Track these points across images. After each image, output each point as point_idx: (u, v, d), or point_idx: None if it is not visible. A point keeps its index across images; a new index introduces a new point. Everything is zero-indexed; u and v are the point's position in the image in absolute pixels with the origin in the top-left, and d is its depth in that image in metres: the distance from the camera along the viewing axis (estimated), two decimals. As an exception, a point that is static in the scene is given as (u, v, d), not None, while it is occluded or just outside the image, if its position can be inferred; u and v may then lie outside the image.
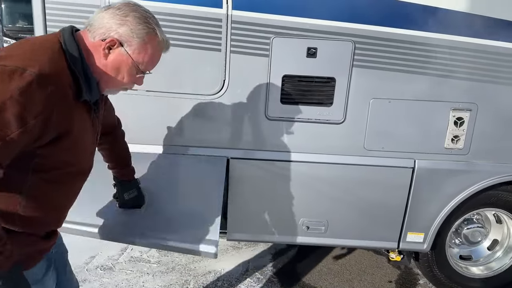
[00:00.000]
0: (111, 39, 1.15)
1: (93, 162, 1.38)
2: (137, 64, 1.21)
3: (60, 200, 1.27)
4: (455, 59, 2.07)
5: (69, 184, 1.27)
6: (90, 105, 1.23)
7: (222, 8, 2.00)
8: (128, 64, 1.20)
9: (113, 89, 1.29)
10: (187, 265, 2.99)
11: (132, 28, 1.16)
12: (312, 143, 2.20)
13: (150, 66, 1.27)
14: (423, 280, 2.91)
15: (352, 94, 2.11)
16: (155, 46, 1.23)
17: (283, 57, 2.07)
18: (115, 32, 1.15)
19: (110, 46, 1.16)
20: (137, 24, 1.17)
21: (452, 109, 2.15)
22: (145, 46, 1.20)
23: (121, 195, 1.89)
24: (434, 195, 2.29)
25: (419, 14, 2.01)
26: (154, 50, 1.23)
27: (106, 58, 1.18)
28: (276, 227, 2.37)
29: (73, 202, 1.36)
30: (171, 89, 2.12)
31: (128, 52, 1.18)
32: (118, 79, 1.22)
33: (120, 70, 1.21)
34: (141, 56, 1.21)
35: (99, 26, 1.16)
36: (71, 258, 1.60)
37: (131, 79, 1.25)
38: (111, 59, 1.18)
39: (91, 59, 1.18)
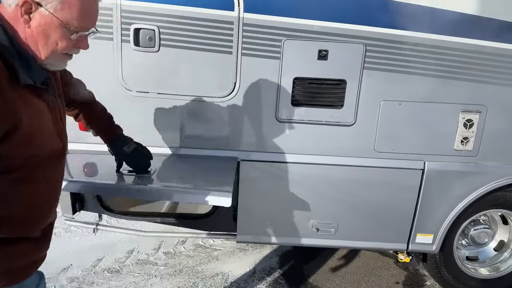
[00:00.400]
0: (24, 0, 0.98)
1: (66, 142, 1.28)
2: (66, 23, 1.04)
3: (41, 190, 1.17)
4: (465, 61, 2.09)
5: (43, 173, 1.15)
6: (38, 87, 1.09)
7: (234, 11, 2.00)
8: (55, 26, 1.03)
9: (54, 61, 1.11)
10: (194, 267, 2.99)
11: None
12: (323, 145, 2.21)
13: (85, 21, 1.09)
14: (430, 281, 2.92)
15: (362, 96, 2.12)
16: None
17: (294, 59, 2.08)
18: None
19: (27, 10, 1.00)
20: None
21: (462, 111, 2.17)
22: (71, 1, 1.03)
23: (121, 152, 1.75)
24: (444, 197, 2.30)
25: (430, 17, 2.02)
26: (81, 2, 1.05)
27: (29, 26, 1.02)
28: (286, 229, 2.37)
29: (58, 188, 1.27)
30: (182, 92, 2.12)
31: (50, 11, 1.01)
32: (52, 47, 1.06)
33: (49, 36, 1.04)
34: (67, 12, 1.03)
35: None
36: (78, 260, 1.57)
37: (68, 43, 1.08)
38: (35, 26, 1.01)
39: (16, 34, 1.02)
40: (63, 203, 2.29)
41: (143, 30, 2.02)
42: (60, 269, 2.87)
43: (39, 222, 1.20)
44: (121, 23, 2.01)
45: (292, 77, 2.10)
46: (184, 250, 3.22)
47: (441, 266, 2.63)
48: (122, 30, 2.02)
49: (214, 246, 3.31)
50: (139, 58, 2.06)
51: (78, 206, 2.33)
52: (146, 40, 2.03)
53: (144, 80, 2.10)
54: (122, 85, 2.09)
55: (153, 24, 2.01)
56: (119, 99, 2.11)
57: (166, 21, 2.01)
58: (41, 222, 1.21)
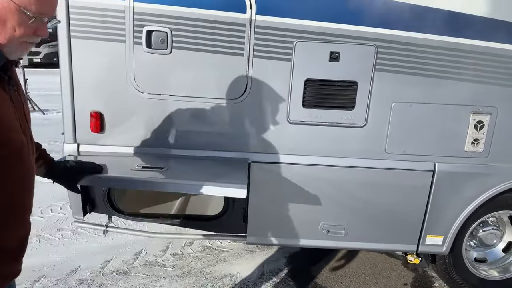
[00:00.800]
0: None
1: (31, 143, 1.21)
2: (24, 7, 0.98)
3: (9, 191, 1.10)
4: (476, 63, 2.09)
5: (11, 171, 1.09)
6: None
7: (246, 13, 2.01)
8: (12, 10, 0.98)
9: (13, 49, 1.05)
10: (202, 268, 2.99)
11: None
12: (334, 147, 2.21)
13: (43, 6, 1.03)
14: (439, 283, 2.92)
15: (374, 97, 2.13)
16: None
17: (305, 61, 2.08)
18: None
19: None
20: None
21: (473, 112, 2.17)
22: None
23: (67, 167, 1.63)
24: (454, 198, 2.30)
25: (441, 19, 2.03)
26: None
27: None
28: (296, 230, 2.37)
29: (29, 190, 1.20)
30: (193, 94, 2.12)
31: None
32: (10, 33, 1.01)
33: (6, 22, 0.99)
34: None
35: None
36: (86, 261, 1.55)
37: (27, 29, 1.03)
38: None
39: None
40: (74, 205, 2.30)
41: (155, 32, 2.02)
42: (68, 271, 2.87)
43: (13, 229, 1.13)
44: (134, 25, 2.02)
45: (303, 78, 2.11)
46: (191, 252, 3.22)
47: (450, 268, 2.63)
48: (135, 32, 2.02)
49: (222, 247, 3.31)
50: (151, 60, 2.06)
51: (88, 208, 2.33)
52: (158, 42, 2.03)
53: (156, 82, 2.11)
54: (134, 87, 2.09)
55: (165, 26, 2.02)
56: (130, 101, 2.12)
57: (178, 23, 2.02)
58: (14, 228, 1.14)
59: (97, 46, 2.05)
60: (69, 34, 2.03)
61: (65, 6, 1.99)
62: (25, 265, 1.23)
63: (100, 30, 2.04)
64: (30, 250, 3.11)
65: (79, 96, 2.11)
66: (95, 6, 2.00)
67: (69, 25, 2.02)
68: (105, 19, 2.02)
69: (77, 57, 2.07)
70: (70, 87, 2.10)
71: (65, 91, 2.10)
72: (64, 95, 2.11)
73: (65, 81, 2.09)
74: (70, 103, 2.12)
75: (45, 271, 2.86)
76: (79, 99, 2.12)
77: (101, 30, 2.03)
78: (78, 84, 2.10)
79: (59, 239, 3.34)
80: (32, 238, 3.30)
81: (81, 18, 2.02)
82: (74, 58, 2.06)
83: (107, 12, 2.01)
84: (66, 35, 2.03)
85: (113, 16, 2.01)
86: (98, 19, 2.02)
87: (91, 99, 2.11)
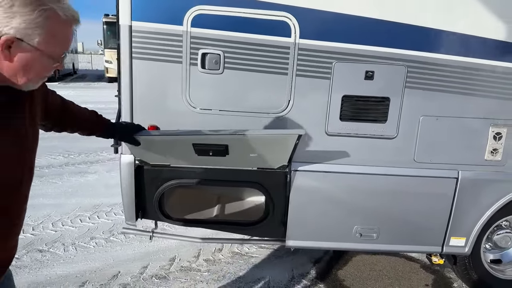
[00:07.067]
0: (6, 38, 0.96)
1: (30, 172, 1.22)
2: (50, 53, 1.05)
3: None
4: (494, 81, 2.35)
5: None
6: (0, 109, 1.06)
7: (291, 37, 2.25)
8: (38, 57, 1.03)
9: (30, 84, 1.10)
10: (235, 273, 3.16)
11: (26, 19, 0.97)
12: (368, 156, 2.43)
13: (65, 47, 1.10)
14: (457, 283, 3.13)
15: (404, 112, 2.36)
16: (61, 27, 1.05)
17: (343, 79, 2.32)
18: (8, 28, 0.96)
19: (8, 45, 0.98)
20: (29, 12, 0.97)
21: (492, 125, 2.42)
22: (50, 32, 1.02)
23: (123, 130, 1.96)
24: (476, 202, 2.53)
25: (463, 42, 2.28)
26: (61, 31, 1.05)
27: (10, 60, 1.00)
28: (332, 234, 2.57)
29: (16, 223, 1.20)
30: (241, 109, 2.34)
31: (33, 45, 1.01)
32: (32, 76, 1.07)
33: (31, 66, 1.04)
34: (51, 44, 1.04)
35: None
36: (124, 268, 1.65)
37: (48, 69, 1.10)
38: (16, 59, 1.00)
39: None
40: (128, 211, 2.47)
41: (210, 55, 2.25)
42: (110, 276, 3.02)
43: None
44: (190, 48, 2.24)
45: (341, 95, 2.34)
46: (222, 257, 3.39)
47: (470, 268, 2.85)
48: (191, 54, 2.24)
49: (250, 253, 3.49)
50: (205, 79, 2.28)
51: (140, 214, 2.51)
52: (212, 63, 2.26)
53: (208, 98, 2.32)
54: (189, 103, 2.31)
55: (219, 49, 2.24)
56: (184, 115, 2.33)
57: (230, 46, 2.24)
58: None
59: (156, 66, 2.26)
60: (131, 55, 2.24)
61: (128, 30, 2.21)
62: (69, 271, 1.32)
63: (159, 52, 2.25)
64: (70, 257, 3.27)
65: (138, 111, 2.31)
66: (155, 31, 2.22)
67: (131, 47, 2.23)
68: (164, 42, 2.24)
69: (137, 76, 2.27)
70: (130, 103, 2.30)
71: (125, 107, 2.30)
72: (124, 110, 2.31)
73: (125, 97, 2.30)
74: (130, 117, 2.31)
75: (88, 276, 3.02)
76: (137, 114, 2.32)
77: (160, 52, 2.25)
78: (137, 101, 2.30)
79: (94, 247, 3.49)
80: (68, 247, 3.46)
81: (142, 41, 2.23)
82: (134, 77, 2.27)
83: (166, 36, 2.23)
84: (128, 56, 2.24)
85: (171, 39, 2.24)
86: (158, 42, 2.23)
87: (149, 114, 2.31)
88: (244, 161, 2.30)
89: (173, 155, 2.29)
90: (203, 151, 2.14)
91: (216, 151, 2.13)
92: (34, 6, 0.97)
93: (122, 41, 2.22)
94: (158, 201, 2.48)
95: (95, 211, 4.24)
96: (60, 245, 3.49)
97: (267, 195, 2.46)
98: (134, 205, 2.45)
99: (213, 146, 2.11)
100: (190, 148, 2.12)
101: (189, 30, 2.22)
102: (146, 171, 2.41)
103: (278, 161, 2.32)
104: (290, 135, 2.08)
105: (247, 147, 2.16)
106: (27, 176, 1.20)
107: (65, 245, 3.48)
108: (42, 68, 1.08)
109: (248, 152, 2.19)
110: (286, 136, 2.11)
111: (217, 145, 2.11)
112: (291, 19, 2.22)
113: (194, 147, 2.10)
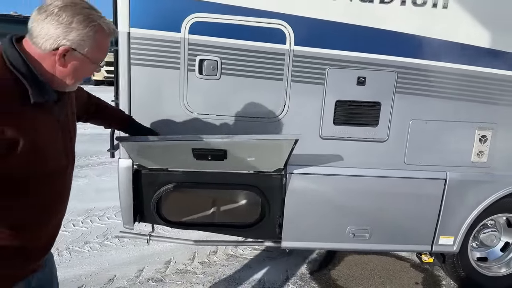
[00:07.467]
0: (65, 48, 1.18)
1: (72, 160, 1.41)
2: (94, 60, 1.27)
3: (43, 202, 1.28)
4: (480, 86, 2.46)
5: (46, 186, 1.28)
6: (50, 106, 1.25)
7: (286, 44, 2.32)
8: (86, 64, 1.25)
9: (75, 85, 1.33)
10: (231, 275, 3.21)
11: (80, 33, 1.19)
12: (360, 159, 2.52)
13: (105, 55, 1.33)
14: (446, 281, 3.24)
15: (394, 116, 2.46)
16: (105, 39, 1.28)
17: (336, 85, 2.40)
18: (66, 40, 1.17)
19: (64, 54, 1.19)
20: (84, 27, 1.19)
21: (477, 128, 2.53)
22: (98, 44, 1.24)
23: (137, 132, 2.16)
24: (463, 202, 2.64)
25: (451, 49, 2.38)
26: (105, 43, 1.29)
27: (64, 66, 1.21)
28: (327, 235, 2.65)
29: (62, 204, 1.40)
30: (238, 113, 2.40)
31: (83, 54, 1.22)
32: (79, 79, 1.29)
33: (79, 71, 1.26)
34: (97, 54, 1.26)
35: (45, 38, 1.16)
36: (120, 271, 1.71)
37: (90, 72, 1.34)
38: (68, 65, 1.22)
39: (39, 65, 1.19)
40: (126, 215, 2.50)
41: (207, 61, 2.30)
42: (106, 280, 3.04)
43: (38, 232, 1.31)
44: (188, 55, 2.29)
45: (334, 100, 2.42)
46: (217, 260, 3.43)
47: (458, 266, 2.95)
48: (189, 60, 2.30)
49: (245, 255, 3.54)
50: (202, 85, 2.34)
51: (138, 218, 2.54)
52: (209, 69, 2.31)
53: (205, 103, 2.38)
54: (186, 108, 2.35)
55: (216, 56, 2.30)
56: (181, 120, 2.38)
57: (227, 53, 2.30)
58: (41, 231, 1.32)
59: (154, 72, 2.31)
60: (129, 61, 2.28)
61: (127, 36, 2.25)
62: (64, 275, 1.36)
63: (157, 58, 2.30)
64: (65, 262, 3.27)
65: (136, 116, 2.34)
66: (153, 37, 2.26)
67: (129, 53, 2.27)
68: (162, 48, 2.28)
69: (135, 81, 2.31)
70: (128, 108, 2.34)
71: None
72: (122, 115, 2.34)
73: (123, 102, 2.33)
74: (128, 122, 2.35)
75: (84, 280, 3.02)
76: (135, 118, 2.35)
77: (158, 58, 2.30)
78: (135, 105, 2.34)
79: (89, 251, 3.49)
80: (63, 251, 3.46)
81: (140, 47, 2.27)
82: (132, 83, 2.31)
83: (164, 42, 2.27)
84: (126, 62, 2.28)
85: (169, 46, 2.28)
86: (156, 49, 2.28)
87: (147, 119, 2.34)
88: (242, 165, 2.36)
89: (172, 159, 2.33)
90: (202, 156, 2.19)
91: (215, 155, 2.18)
92: (87, 22, 1.19)
93: (121, 47, 2.26)
94: (156, 204, 2.51)
95: (88, 216, 4.24)
96: (54, 249, 3.46)
97: (263, 197, 2.52)
98: (132, 209, 2.48)
99: (212, 151, 2.16)
100: (189, 152, 2.16)
101: (187, 37, 2.27)
102: (144, 175, 2.45)
103: (275, 164, 2.38)
104: (287, 139, 2.14)
105: (245, 152, 2.22)
106: (71, 164, 1.41)
107: (59, 249, 3.47)
108: (87, 72, 1.30)
109: (246, 156, 2.25)
110: (283, 140, 2.17)
111: (216, 150, 2.16)
112: (286, 26, 2.29)
113: (193, 152, 2.15)
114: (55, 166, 1.30)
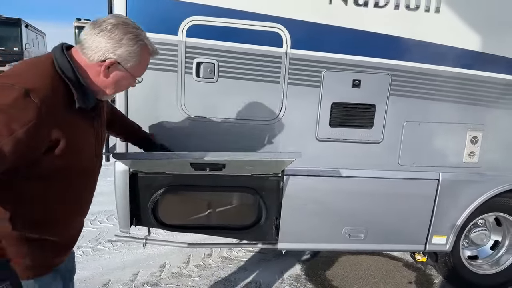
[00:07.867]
0: (111, 61, 1.29)
1: (100, 163, 1.54)
2: (134, 75, 1.39)
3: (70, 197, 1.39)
4: (471, 88, 2.52)
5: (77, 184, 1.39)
6: (88, 112, 1.35)
7: (282, 47, 2.34)
8: (127, 78, 1.36)
9: (112, 96, 1.46)
10: (227, 277, 3.21)
11: (128, 49, 1.30)
12: (355, 160, 2.55)
13: (144, 71, 1.45)
14: (438, 280, 3.29)
15: (389, 118, 2.50)
16: (148, 57, 1.41)
17: (332, 87, 2.43)
18: (113, 54, 1.28)
19: (109, 66, 1.30)
20: (132, 45, 1.30)
21: (469, 129, 2.59)
22: (141, 61, 1.36)
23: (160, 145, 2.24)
24: (455, 202, 2.70)
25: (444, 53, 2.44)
26: (147, 60, 1.42)
27: (107, 77, 1.32)
28: (323, 236, 2.67)
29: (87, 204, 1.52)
30: (235, 116, 2.41)
31: (127, 69, 1.33)
32: (118, 90, 1.42)
33: (120, 84, 1.37)
34: (138, 69, 1.38)
35: (95, 50, 1.27)
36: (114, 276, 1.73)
37: (128, 86, 1.45)
38: (111, 76, 1.32)
39: (84, 73, 1.30)
40: (122, 219, 2.48)
41: (204, 64, 2.31)
42: (101, 285, 3.01)
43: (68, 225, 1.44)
44: (185, 58, 2.29)
45: (330, 102, 2.45)
46: (213, 263, 3.43)
47: (450, 265, 3.01)
48: (186, 63, 2.30)
49: (239, 258, 3.54)
50: (200, 88, 2.34)
51: (134, 221, 2.53)
52: (206, 72, 2.32)
53: (203, 106, 2.38)
54: (183, 110, 2.36)
55: (213, 59, 2.31)
56: (179, 122, 2.38)
57: (224, 56, 2.31)
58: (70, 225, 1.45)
59: (151, 75, 2.29)
60: (126, 65, 2.27)
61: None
62: None
63: (154, 61, 2.28)
64: (57, 267, 3.22)
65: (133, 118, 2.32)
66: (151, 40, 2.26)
67: (126, 56, 2.26)
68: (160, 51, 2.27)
69: (132, 84, 2.30)
70: (125, 110, 2.33)
71: (120, 115, 2.33)
72: (119, 119, 2.33)
73: (120, 105, 2.32)
74: (125, 125, 2.33)
75: (78, 286, 2.98)
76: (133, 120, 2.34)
77: (155, 61, 2.28)
78: (132, 108, 2.33)
79: (82, 256, 3.45)
80: (55, 256, 3.40)
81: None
82: (129, 86, 2.30)
83: (161, 45, 2.25)
84: (123, 65, 2.27)
85: (167, 49, 2.28)
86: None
87: (144, 121, 2.33)
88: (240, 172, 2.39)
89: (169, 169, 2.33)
90: (200, 168, 2.17)
91: (213, 168, 2.17)
92: (135, 41, 1.31)
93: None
94: (153, 207, 2.50)
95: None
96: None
97: (260, 199, 2.53)
98: (128, 212, 2.47)
99: (210, 165, 2.14)
100: (186, 165, 2.14)
101: (184, 40, 2.28)
102: (141, 179, 2.44)
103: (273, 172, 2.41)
104: (287, 159, 2.11)
105: (244, 165, 2.23)
106: (98, 167, 1.53)
107: (51, 255, 3.42)
108: (126, 85, 1.42)
109: (245, 169, 2.27)
110: (284, 160, 2.15)
111: (214, 164, 2.14)
112: (283, 30, 2.31)
113: (191, 165, 2.13)
114: (86, 168, 1.42)
